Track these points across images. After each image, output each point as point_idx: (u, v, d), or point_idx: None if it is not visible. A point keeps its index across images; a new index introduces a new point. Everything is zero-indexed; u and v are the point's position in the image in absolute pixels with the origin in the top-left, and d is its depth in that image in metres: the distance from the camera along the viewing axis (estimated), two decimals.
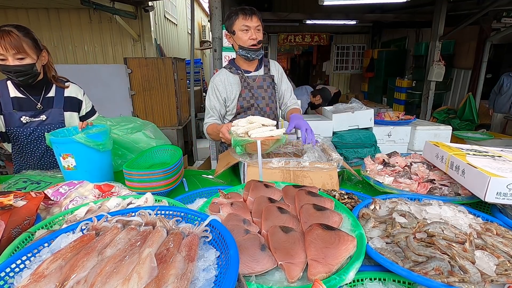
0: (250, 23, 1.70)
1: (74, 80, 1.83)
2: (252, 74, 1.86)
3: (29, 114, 1.61)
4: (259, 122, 1.45)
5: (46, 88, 1.67)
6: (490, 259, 0.75)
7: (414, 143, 3.66)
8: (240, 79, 1.82)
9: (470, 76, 6.92)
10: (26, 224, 0.92)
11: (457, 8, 6.19)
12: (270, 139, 1.38)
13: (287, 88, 2.00)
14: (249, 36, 1.72)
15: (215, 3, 3.85)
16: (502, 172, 1.02)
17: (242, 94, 1.82)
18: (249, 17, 1.69)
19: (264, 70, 1.90)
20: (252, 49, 1.75)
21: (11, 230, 0.86)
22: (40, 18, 5.58)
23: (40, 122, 1.64)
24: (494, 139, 4.27)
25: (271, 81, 1.89)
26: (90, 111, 1.86)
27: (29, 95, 1.62)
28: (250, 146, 1.39)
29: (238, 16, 1.70)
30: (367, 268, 0.80)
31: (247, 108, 1.84)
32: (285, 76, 2.00)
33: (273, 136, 1.39)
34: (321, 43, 9.63)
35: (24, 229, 0.90)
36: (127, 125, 1.92)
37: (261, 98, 1.85)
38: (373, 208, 1.05)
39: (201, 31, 11.05)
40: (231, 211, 0.97)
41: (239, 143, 1.37)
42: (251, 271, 0.71)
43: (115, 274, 0.57)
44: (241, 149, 1.40)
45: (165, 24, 7.12)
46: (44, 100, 1.66)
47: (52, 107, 1.67)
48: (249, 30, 1.71)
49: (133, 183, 1.37)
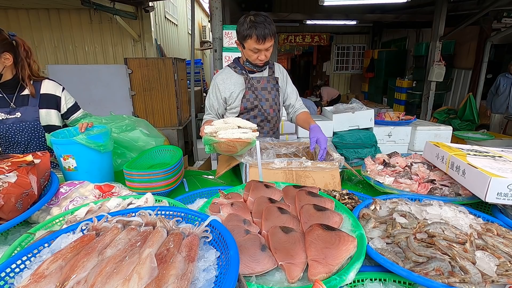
0: (262, 46, 1.62)
1: (75, 80, 1.84)
2: (257, 75, 1.84)
3: (5, 111, 1.64)
4: (234, 123, 1.39)
5: (21, 87, 1.68)
6: (490, 259, 0.75)
7: (415, 143, 3.66)
8: (244, 80, 1.80)
9: (470, 76, 6.92)
10: (46, 175, 1.23)
11: (457, 8, 6.19)
12: (237, 141, 1.30)
13: (292, 91, 1.97)
14: (258, 57, 1.68)
15: (216, 3, 3.85)
16: (502, 173, 1.02)
17: (246, 95, 1.80)
18: (262, 42, 1.60)
19: (269, 72, 1.88)
20: (258, 65, 1.75)
21: (40, 180, 1.14)
22: (41, 19, 5.59)
23: (15, 119, 1.66)
24: (494, 139, 4.27)
25: (275, 83, 1.87)
26: (72, 107, 1.85)
27: (4, 94, 1.65)
28: (217, 146, 1.34)
29: (251, 37, 1.60)
30: (367, 268, 0.80)
31: (251, 109, 1.83)
32: (289, 79, 1.98)
33: (241, 138, 1.31)
34: (321, 43, 9.63)
35: (46, 179, 1.23)
36: (121, 121, 1.91)
37: (265, 100, 1.84)
38: (374, 209, 1.05)
39: (201, 32, 11.05)
40: (231, 211, 0.97)
41: (207, 142, 1.33)
42: (252, 272, 0.71)
43: (115, 274, 0.57)
44: (209, 148, 1.36)
45: (166, 24, 7.13)
46: (19, 98, 1.67)
47: (27, 104, 1.68)
48: (259, 52, 1.66)
49: (133, 184, 1.37)
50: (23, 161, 1.14)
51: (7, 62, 1.58)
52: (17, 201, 0.98)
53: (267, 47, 1.65)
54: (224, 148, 1.35)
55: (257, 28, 1.57)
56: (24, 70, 1.66)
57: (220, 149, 1.38)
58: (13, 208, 0.96)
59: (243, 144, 1.32)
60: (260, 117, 1.86)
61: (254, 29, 1.58)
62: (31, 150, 1.75)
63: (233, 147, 1.34)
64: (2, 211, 0.93)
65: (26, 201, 1.03)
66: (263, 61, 1.72)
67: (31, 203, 1.06)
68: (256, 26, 1.57)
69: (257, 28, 1.57)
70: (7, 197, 0.94)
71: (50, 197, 1.13)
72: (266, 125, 1.90)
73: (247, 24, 1.60)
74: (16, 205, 0.97)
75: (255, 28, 1.58)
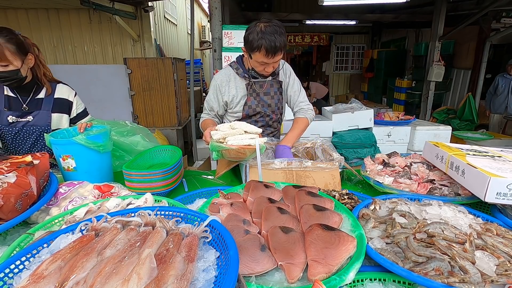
0: (271, 60, 1.54)
1: (74, 80, 1.83)
2: (260, 80, 1.76)
3: (15, 114, 1.61)
4: (241, 128, 1.38)
5: (36, 89, 1.66)
6: (490, 259, 0.75)
7: (414, 143, 3.66)
8: (246, 86, 1.74)
9: (469, 76, 6.93)
10: (46, 176, 1.24)
11: (456, 8, 6.20)
12: (247, 147, 1.30)
13: (295, 92, 1.86)
14: (265, 68, 1.61)
15: (215, 3, 3.85)
16: (502, 172, 1.02)
17: (247, 102, 1.74)
18: (272, 56, 1.51)
19: (272, 75, 1.78)
20: (263, 75, 1.71)
21: (39, 181, 1.15)
22: (40, 19, 5.58)
23: (26, 123, 1.63)
24: (493, 139, 4.28)
25: (279, 87, 1.80)
26: (82, 113, 1.85)
27: (19, 95, 1.63)
28: (225, 152, 1.32)
29: (260, 50, 1.49)
30: (367, 268, 0.80)
31: (252, 115, 1.79)
32: (293, 78, 1.87)
33: (250, 144, 1.31)
34: (321, 43, 9.64)
35: (46, 179, 1.24)
36: (123, 127, 1.91)
37: (267, 106, 1.78)
38: (373, 209, 1.05)
39: (201, 32, 11.05)
40: (231, 211, 0.97)
41: (215, 149, 1.31)
42: (251, 272, 0.71)
43: (114, 275, 0.57)
44: (217, 154, 1.34)
45: (165, 24, 7.12)
46: (33, 101, 1.65)
47: (40, 108, 1.66)
48: (266, 64, 1.58)
49: (132, 184, 1.36)
50: (22, 162, 1.14)
51: (30, 63, 1.57)
52: (17, 201, 0.98)
53: (276, 61, 1.56)
54: (233, 154, 1.34)
55: (268, 40, 1.46)
56: (40, 69, 1.64)
57: (229, 155, 1.35)
58: (12, 209, 0.96)
59: (251, 150, 1.32)
60: (261, 122, 1.83)
61: (263, 41, 1.46)
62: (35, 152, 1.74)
63: (243, 154, 1.33)
64: (2, 211, 0.93)
65: (26, 202, 1.03)
66: (269, 73, 1.66)
67: (30, 204, 1.06)
68: (267, 38, 1.46)
69: (268, 41, 1.46)
70: (7, 197, 0.94)
71: (50, 197, 1.14)
72: (267, 129, 1.88)
73: (257, 34, 1.48)
74: (16, 205, 0.97)
75: (265, 40, 1.46)
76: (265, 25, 1.49)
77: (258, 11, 7.28)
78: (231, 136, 1.34)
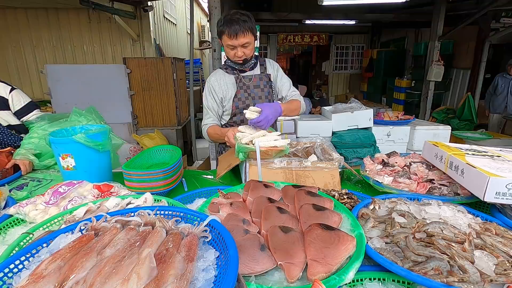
0: (235, 42, 1.62)
1: (74, 80, 1.84)
2: (248, 74, 1.84)
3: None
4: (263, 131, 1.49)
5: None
6: (489, 259, 0.75)
7: (413, 143, 3.67)
8: (235, 79, 1.81)
9: (469, 76, 6.94)
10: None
11: (456, 8, 6.21)
12: (274, 149, 1.41)
13: (283, 84, 1.95)
14: (235, 53, 1.68)
15: (215, 3, 3.84)
16: (501, 172, 1.02)
17: (237, 95, 1.80)
18: (234, 37, 1.60)
19: (261, 69, 1.87)
20: (238, 62, 1.74)
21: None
22: (39, 18, 5.57)
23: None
24: (493, 139, 4.29)
25: (268, 80, 1.87)
26: (25, 108, 1.87)
27: None
28: (253, 153, 1.41)
29: (223, 33, 1.62)
30: (366, 268, 0.80)
31: (243, 109, 1.82)
32: (281, 72, 1.96)
33: (276, 146, 1.42)
34: (321, 43, 9.64)
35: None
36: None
37: (258, 98, 1.84)
38: (373, 208, 1.05)
39: (201, 31, 11.03)
40: (230, 211, 0.97)
41: (243, 150, 1.39)
42: (251, 271, 0.71)
43: (114, 275, 0.57)
44: (244, 155, 1.43)
45: (165, 24, 7.11)
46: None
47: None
48: (234, 48, 1.66)
49: (132, 183, 1.36)
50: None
51: None
52: None
53: (241, 43, 1.63)
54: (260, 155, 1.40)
55: (230, 24, 1.59)
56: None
57: (254, 155, 1.42)
58: None
59: (277, 151, 1.43)
60: None
61: (226, 25, 1.60)
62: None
63: (269, 155, 1.44)
64: None
65: None
66: (240, 58, 1.70)
67: None
68: (229, 23, 1.59)
69: (230, 24, 1.59)
70: None
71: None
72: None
73: (222, 21, 1.62)
74: None
75: (227, 24, 1.59)
76: (231, 14, 1.62)
77: (257, 10, 7.28)
78: (257, 138, 1.43)
